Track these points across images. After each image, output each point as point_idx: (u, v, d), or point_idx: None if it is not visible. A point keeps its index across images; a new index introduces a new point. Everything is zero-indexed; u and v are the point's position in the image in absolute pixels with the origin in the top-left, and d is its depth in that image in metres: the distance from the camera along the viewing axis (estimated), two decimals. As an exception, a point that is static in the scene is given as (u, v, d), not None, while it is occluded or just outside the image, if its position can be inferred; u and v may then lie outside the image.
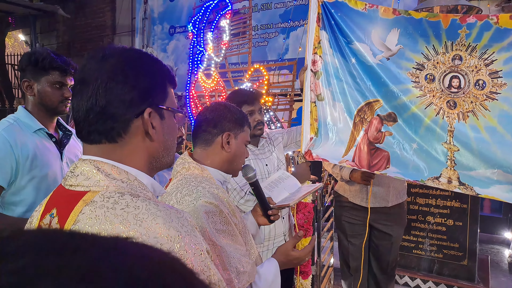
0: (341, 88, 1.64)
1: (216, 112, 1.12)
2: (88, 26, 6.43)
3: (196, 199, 0.93)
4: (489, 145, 1.37)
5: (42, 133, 1.34)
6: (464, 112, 1.42)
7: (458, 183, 1.42)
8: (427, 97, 1.49)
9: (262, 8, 4.58)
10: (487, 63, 1.38)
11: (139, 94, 0.62)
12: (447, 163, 1.44)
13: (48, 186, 1.29)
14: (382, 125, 1.58)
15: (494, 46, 1.36)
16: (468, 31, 1.39)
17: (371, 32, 1.56)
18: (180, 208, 0.94)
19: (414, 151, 1.50)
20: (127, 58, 0.64)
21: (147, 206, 0.56)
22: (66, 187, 0.62)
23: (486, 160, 1.37)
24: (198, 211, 0.91)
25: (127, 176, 0.62)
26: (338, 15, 1.61)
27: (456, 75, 1.43)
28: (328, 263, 2.55)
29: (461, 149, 1.42)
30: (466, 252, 2.84)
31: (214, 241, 0.89)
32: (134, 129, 0.63)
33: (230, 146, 1.10)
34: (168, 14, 5.46)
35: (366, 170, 1.61)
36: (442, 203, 2.92)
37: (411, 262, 3.01)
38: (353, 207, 2.21)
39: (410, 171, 1.51)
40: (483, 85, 1.39)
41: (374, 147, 1.60)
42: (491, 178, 1.35)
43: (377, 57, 1.56)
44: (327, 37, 1.65)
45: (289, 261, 1.13)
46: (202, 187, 0.97)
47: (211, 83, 2.77)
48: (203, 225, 0.90)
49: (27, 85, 1.32)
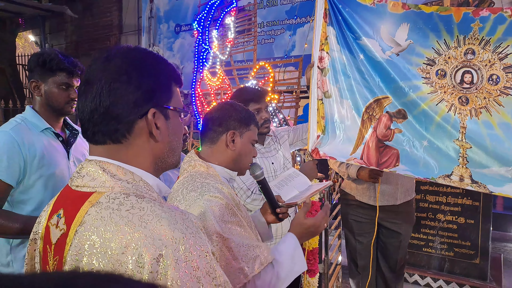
0: (348, 85, 1.62)
1: (222, 111, 1.14)
2: (95, 26, 6.49)
3: (202, 194, 0.95)
4: (503, 142, 1.33)
5: (49, 132, 1.35)
6: (476, 109, 1.39)
7: (470, 181, 1.39)
8: (438, 93, 1.45)
9: (268, 5, 4.55)
10: (501, 57, 1.34)
11: (143, 94, 0.62)
12: (459, 160, 1.41)
13: (55, 184, 1.30)
14: (391, 122, 1.55)
15: (509, 39, 1.32)
16: (481, 25, 1.35)
17: (380, 27, 1.53)
18: (186, 203, 0.96)
19: (425, 149, 1.47)
20: (131, 58, 0.63)
21: (152, 207, 0.56)
22: (73, 188, 0.63)
23: (500, 157, 1.34)
24: (204, 206, 0.93)
25: (133, 176, 0.62)
26: (346, 10, 1.58)
27: (468, 70, 1.39)
28: (336, 261, 2.53)
29: (474, 146, 1.38)
30: (478, 251, 2.79)
31: (222, 234, 0.90)
32: (138, 130, 0.63)
33: (235, 145, 1.11)
34: (173, 12, 5.47)
35: (375, 168, 1.59)
36: (453, 200, 2.87)
37: (421, 261, 2.98)
38: (360, 205, 2.18)
39: (420, 169, 1.48)
40: (497, 80, 1.35)
41: (383, 145, 1.57)
42: (505, 176, 1.32)
43: (386, 53, 1.53)
44: (334, 33, 1.63)
45: (306, 230, 1.09)
46: (206, 182, 0.99)
47: (216, 81, 2.76)
48: (209, 219, 0.91)
49: (35, 85, 1.33)
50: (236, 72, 3.10)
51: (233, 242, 0.90)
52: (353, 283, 2.31)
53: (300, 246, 1.06)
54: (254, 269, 0.92)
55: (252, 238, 0.97)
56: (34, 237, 0.69)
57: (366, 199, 2.14)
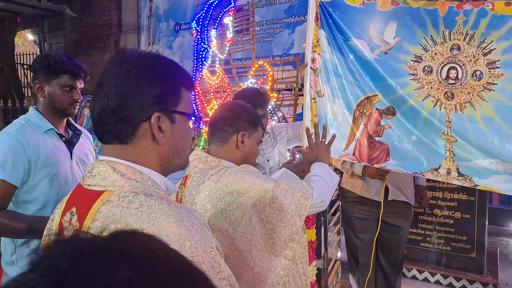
0: (340, 84, 1.66)
1: (233, 111, 1.16)
2: (94, 25, 6.48)
3: (235, 170, 1.07)
4: (486, 136, 1.38)
5: (53, 133, 1.37)
6: (461, 103, 1.43)
7: (457, 174, 1.44)
8: (425, 89, 1.49)
9: (266, 3, 4.57)
10: (485, 52, 1.37)
11: (149, 98, 0.64)
12: (446, 154, 1.46)
13: (59, 184, 1.32)
14: (381, 118, 1.60)
15: (492, 34, 1.35)
16: (465, 18, 1.38)
17: (369, 27, 1.57)
18: (225, 178, 1.04)
19: (414, 144, 1.52)
20: (141, 63, 0.66)
21: (159, 205, 0.59)
22: (85, 187, 0.66)
23: (484, 150, 1.38)
24: (245, 169, 1.06)
25: (141, 175, 0.65)
26: (336, 13, 1.62)
27: (453, 66, 1.43)
28: (335, 257, 2.57)
29: (459, 139, 1.43)
30: (474, 245, 2.84)
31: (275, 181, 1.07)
32: (142, 132, 0.65)
33: (244, 145, 1.14)
34: (173, 11, 5.47)
35: (366, 163, 1.64)
36: (450, 195, 2.91)
37: (418, 255, 3.02)
38: (362, 202, 2.20)
39: (410, 164, 1.53)
40: (480, 76, 1.38)
41: (374, 141, 1.62)
42: (489, 169, 1.37)
43: (374, 52, 1.57)
44: (325, 36, 1.67)
45: (317, 154, 1.34)
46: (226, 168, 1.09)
47: (215, 80, 2.79)
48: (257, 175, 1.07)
49: (39, 86, 1.35)
50: (235, 71, 3.13)
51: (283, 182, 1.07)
52: (354, 280, 2.34)
53: (323, 164, 1.29)
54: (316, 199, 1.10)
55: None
56: (48, 233, 0.72)
57: (372, 195, 2.17)
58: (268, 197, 1.01)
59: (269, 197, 1.01)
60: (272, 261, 1.03)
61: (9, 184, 1.22)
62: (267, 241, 1.02)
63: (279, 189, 1.03)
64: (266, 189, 1.02)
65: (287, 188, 1.04)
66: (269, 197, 1.01)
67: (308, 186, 1.09)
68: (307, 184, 1.10)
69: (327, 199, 1.13)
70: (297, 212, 1.03)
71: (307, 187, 1.08)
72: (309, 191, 1.07)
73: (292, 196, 1.04)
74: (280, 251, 1.04)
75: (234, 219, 1.00)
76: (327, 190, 1.16)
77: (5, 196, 1.24)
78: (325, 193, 1.13)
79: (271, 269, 1.02)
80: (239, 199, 1.01)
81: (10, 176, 1.22)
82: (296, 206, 1.03)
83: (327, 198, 1.14)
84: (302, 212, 1.04)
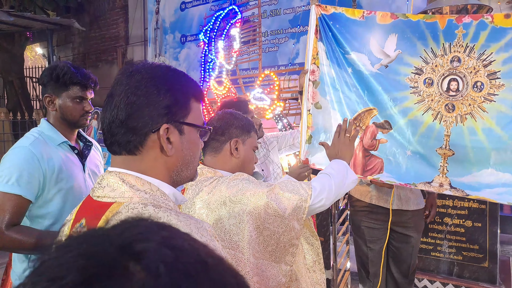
0: (337, 97, 1.67)
1: (223, 120, 1.16)
2: (102, 38, 6.61)
3: (230, 178, 1.06)
4: (484, 149, 1.38)
5: (66, 146, 1.36)
6: (462, 115, 1.43)
7: (449, 187, 1.44)
8: (425, 102, 1.49)
9: (271, 14, 4.62)
10: (485, 63, 1.37)
11: (158, 109, 0.65)
12: (439, 170, 1.46)
13: (74, 198, 1.30)
14: (377, 132, 1.60)
15: (492, 46, 1.35)
16: (464, 31, 1.39)
17: (369, 40, 1.58)
18: (228, 190, 1.03)
19: (408, 158, 1.52)
20: (151, 75, 0.66)
21: (168, 216, 0.59)
22: (94, 198, 0.66)
23: (480, 161, 1.38)
24: (242, 176, 1.05)
25: (150, 187, 0.65)
26: (336, 26, 1.63)
27: (454, 77, 1.43)
28: (345, 267, 2.53)
29: (456, 153, 1.43)
30: (486, 254, 2.77)
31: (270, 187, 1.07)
32: (151, 143, 0.65)
33: (239, 152, 1.13)
34: (179, 23, 5.56)
35: (360, 176, 1.64)
36: (460, 204, 2.87)
37: (429, 265, 2.96)
38: (372, 211, 2.18)
39: (403, 176, 1.54)
40: (481, 87, 1.38)
41: (369, 154, 1.62)
42: (481, 183, 1.37)
43: (375, 66, 1.57)
44: (324, 49, 1.69)
45: (338, 150, 1.29)
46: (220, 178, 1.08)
47: (222, 90, 2.81)
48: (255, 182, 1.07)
49: (49, 100, 1.34)
50: (242, 81, 3.16)
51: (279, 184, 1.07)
52: None
53: (341, 163, 1.23)
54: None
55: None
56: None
57: (382, 203, 2.15)
58: (262, 203, 0.99)
59: (263, 203, 0.99)
60: (273, 268, 1.00)
61: (24, 199, 1.20)
62: (266, 248, 1.00)
63: (272, 194, 1.00)
64: (260, 195, 1.00)
65: (281, 193, 1.01)
66: (263, 203, 0.99)
67: (307, 187, 1.05)
68: (306, 186, 1.06)
69: (327, 197, 1.07)
70: (294, 216, 1.00)
71: (305, 189, 1.04)
72: (308, 193, 1.03)
73: (288, 200, 1.01)
74: (280, 258, 1.01)
75: (229, 228, 0.99)
76: (331, 187, 1.09)
77: (20, 211, 1.21)
78: (325, 191, 1.07)
79: (272, 277, 0.99)
80: (233, 207, 0.99)
81: (26, 191, 1.20)
82: (293, 209, 1.00)
83: (329, 196, 1.08)
84: (301, 215, 1.01)
